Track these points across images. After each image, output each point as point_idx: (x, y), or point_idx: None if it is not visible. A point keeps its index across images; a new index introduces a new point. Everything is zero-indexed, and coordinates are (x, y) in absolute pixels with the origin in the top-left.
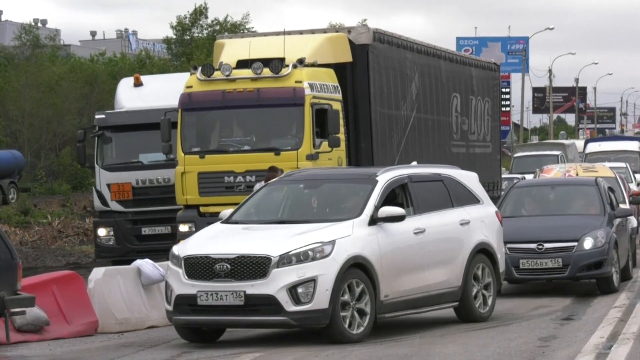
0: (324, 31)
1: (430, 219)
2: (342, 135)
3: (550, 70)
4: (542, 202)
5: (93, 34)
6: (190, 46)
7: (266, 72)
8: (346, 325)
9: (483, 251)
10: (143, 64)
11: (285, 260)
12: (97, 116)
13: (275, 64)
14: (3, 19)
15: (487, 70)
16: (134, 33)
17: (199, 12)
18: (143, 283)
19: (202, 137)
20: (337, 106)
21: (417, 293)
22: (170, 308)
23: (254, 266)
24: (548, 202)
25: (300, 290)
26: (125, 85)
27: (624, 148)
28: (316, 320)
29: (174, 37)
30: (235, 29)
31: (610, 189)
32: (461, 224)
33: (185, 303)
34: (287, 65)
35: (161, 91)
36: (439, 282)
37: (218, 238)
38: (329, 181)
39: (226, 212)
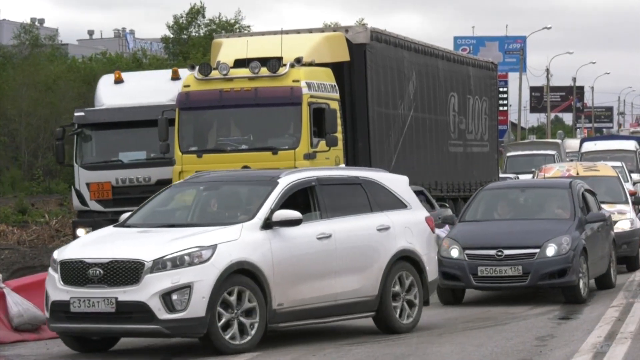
0: (322, 30)
1: (340, 224)
2: (339, 135)
3: (547, 70)
4: (510, 205)
5: (90, 33)
6: (187, 45)
7: (264, 71)
8: (228, 335)
9: (407, 259)
10: (140, 63)
11: (160, 265)
12: (76, 113)
13: (273, 63)
14: (0, 18)
15: (484, 70)
16: (132, 32)
17: (196, 12)
18: None
19: (199, 136)
20: (335, 105)
21: (321, 302)
22: (47, 315)
23: (127, 271)
24: (517, 205)
25: (174, 297)
26: (105, 82)
27: (620, 147)
28: (192, 329)
29: (171, 36)
30: (230, 27)
31: (590, 192)
32: (379, 230)
33: (60, 310)
34: (285, 65)
35: (142, 88)
36: (349, 290)
37: (97, 242)
38: (230, 183)
39: (125, 215)
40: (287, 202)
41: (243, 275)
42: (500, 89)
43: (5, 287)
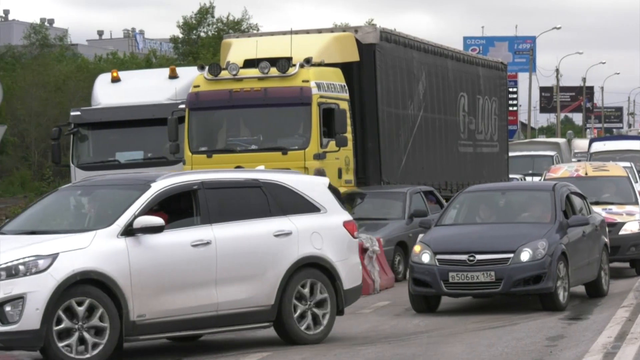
0: (331, 31)
1: (225, 229)
2: (349, 135)
3: (557, 70)
4: (489, 209)
5: (100, 33)
6: (197, 45)
7: (273, 71)
8: (71, 349)
9: (315, 266)
10: (150, 63)
11: None
12: (72, 113)
13: (282, 63)
14: (10, 18)
15: (494, 70)
16: (141, 32)
17: (205, 12)
18: None
19: (209, 136)
20: (345, 105)
21: (197, 312)
22: None
23: None
24: (496, 209)
25: (7, 308)
26: (102, 81)
27: (629, 147)
28: (26, 342)
29: (181, 36)
30: (238, 27)
31: (579, 195)
32: (277, 236)
33: None
34: (294, 65)
35: (139, 87)
36: (235, 300)
37: None
38: (105, 188)
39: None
40: (162, 207)
41: (91, 286)
42: (510, 89)
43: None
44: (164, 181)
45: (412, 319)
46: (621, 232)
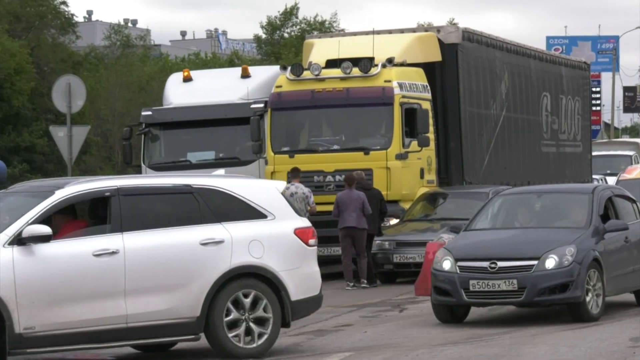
0: (413, 30)
1: (138, 238)
2: (431, 135)
3: None
4: (523, 213)
5: (183, 33)
6: (279, 45)
7: (355, 71)
8: None
9: (254, 275)
10: (232, 64)
11: None
12: (143, 113)
13: (365, 63)
14: (93, 19)
15: (577, 70)
16: (224, 33)
17: (290, 12)
18: None
19: (291, 136)
20: (427, 105)
21: (101, 325)
22: None
23: None
24: (530, 213)
25: None
26: (174, 81)
27: None
28: None
29: (264, 36)
30: (324, 29)
31: (628, 198)
32: (205, 244)
33: None
34: (377, 65)
35: (211, 87)
36: (151, 312)
37: None
38: (15, 194)
39: None
40: (65, 215)
41: None
42: (593, 89)
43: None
44: (71, 188)
45: (495, 320)
46: None
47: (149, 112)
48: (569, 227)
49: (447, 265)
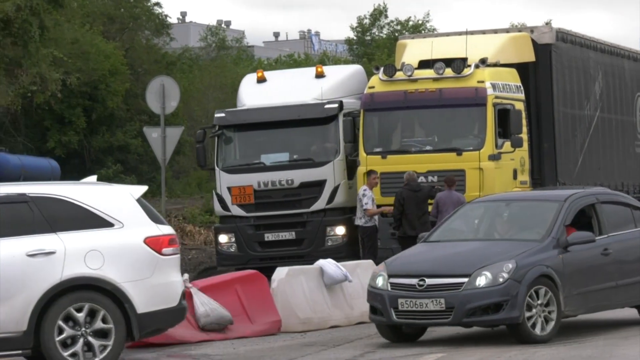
0: (507, 31)
1: None
2: (524, 136)
3: None
4: (486, 223)
5: (276, 35)
6: (372, 46)
7: (448, 72)
8: None
9: (91, 287)
10: (323, 65)
11: None
12: (216, 115)
13: (458, 64)
14: (187, 20)
15: None
16: (317, 34)
17: (379, 13)
18: (326, 283)
19: (383, 137)
20: (520, 106)
21: None
22: None
23: None
24: (494, 223)
25: None
26: (248, 82)
27: None
28: None
29: (355, 37)
30: (416, 29)
31: (626, 204)
32: (32, 255)
33: None
34: (470, 65)
35: (284, 87)
36: None
37: None
38: None
39: None
40: None
41: None
42: None
43: (192, 287)
44: None
45: (587, 320)
46: None
47: (222, 114)
48: (524, 240)
49: (380, 281)
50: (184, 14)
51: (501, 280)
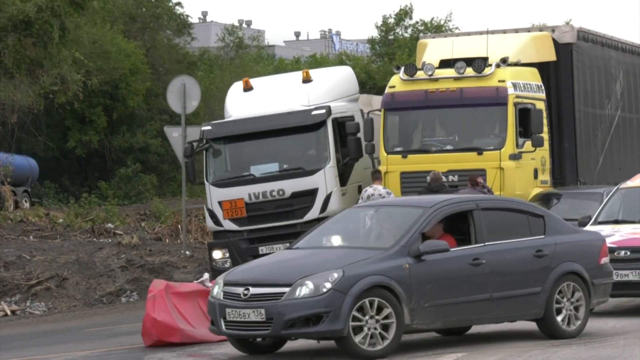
0: (528, 30)
1: None
2: (545, 135)
3: None
4: (350, 230)
5: (297, 34)
6: (393, 46)
7: (469, 71)
8: None
9: None
10: (343, 64)
11: None
12: (203, 127)
13: (478, 63)
14: (208, 19)
15: None
16: (338, 33)
17: (404, 13)
18: None
19: (404, 136)
20: (541, 105)
21: None
22: None
23: None
24: (358, 230)
25: None
26: (234, 91)
27: None
28: None
29: (378, 37)
30: (439, 29)
31: (523, 212)
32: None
33: None
34: (490, 65)
35: (271, 95)
36: None
37: None
38: None
39: None
40: None
41: None
42: None
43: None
44: None
45: (608, 320)
46: None
47: (209, 127)
48: (373, 248)
49: (215, 289)
50: (205, 14)
51: (324, 290)
